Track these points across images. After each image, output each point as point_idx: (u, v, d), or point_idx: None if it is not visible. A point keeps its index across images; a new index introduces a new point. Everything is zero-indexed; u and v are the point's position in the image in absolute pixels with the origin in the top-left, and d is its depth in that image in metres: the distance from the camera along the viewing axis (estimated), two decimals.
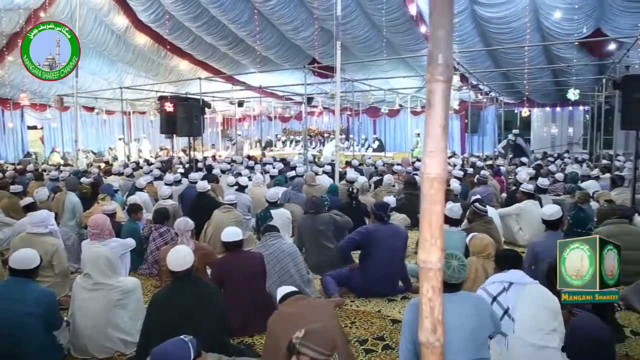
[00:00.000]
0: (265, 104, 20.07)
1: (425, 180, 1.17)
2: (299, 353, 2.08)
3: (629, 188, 7.19)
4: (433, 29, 1.16)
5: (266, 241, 4.26)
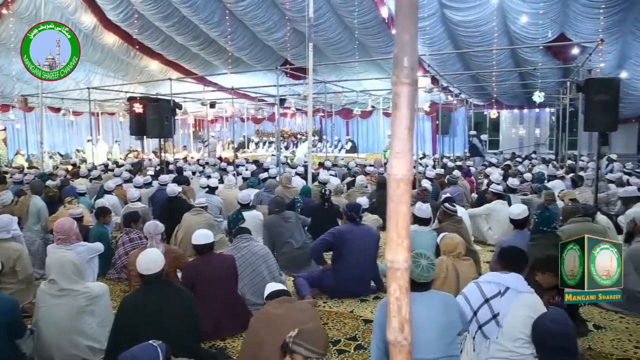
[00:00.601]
0: (238, 105, 19.92)
1: (392, 181, 1.19)
2: (292, 352, 2.09)
3: (590, 187, 7.44)
4: (398, 33, 1.18)
5: (238, 243, 4.23)
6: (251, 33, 13.79)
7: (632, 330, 3.82)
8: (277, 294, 2.81)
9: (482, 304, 2.68)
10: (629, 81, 12.90)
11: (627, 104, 14.38)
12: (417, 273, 2.51)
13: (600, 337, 3.71)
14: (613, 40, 11.04)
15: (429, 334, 2.42)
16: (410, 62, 1.16)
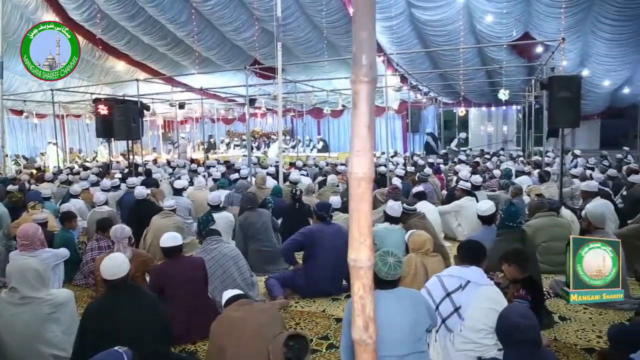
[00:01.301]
0: (208, 106, 19.70)
1: (353, 180, 1.19)
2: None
3: (556, 182, 7.65)
4: (356, 31, 1.17)
5: (207, 245, 4.18)
6: (219, 33, 13.65)
7: (595, 321, 3.94)
8: (235, 299, 2.79)
9: (444, 298, 2.73)
10: (590, 79, 13.33)
11: (589, 101, 14.87)
12: (384, 271, 2.52)
13: (565, 328, 3.81)
14: (574, 39, 11.39)
15: (397, 331, 2.43)
16: (369, 60, 1.16)
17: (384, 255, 2.57)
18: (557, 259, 5.10)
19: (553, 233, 5.18)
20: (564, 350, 3.45)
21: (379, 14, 11.77)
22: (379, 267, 2.52)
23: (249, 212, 5.40)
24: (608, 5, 10.22)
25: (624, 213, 6.38)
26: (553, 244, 5.16)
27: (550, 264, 5.07)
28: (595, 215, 4.39)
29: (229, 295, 2.89)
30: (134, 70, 16.17)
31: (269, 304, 3.60)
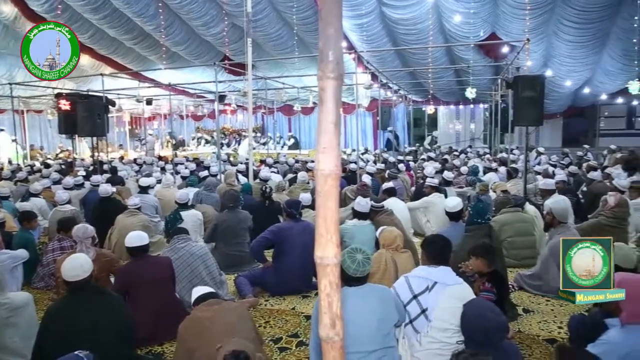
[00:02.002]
0: (176, 102, 19.36)
1: (319, 177, 1.17)
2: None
3: (521, 179, 7.84)
4: (322, 27, 1.15)
5: (175, 244, 4.10)
6: (188, 27, 13.40)
7: (557, 312, 4.06)
8: (204, 298, 2.75)
9: (411, 300, 2.70)
10: (554, 79, 13.73)
11: (553, 101, 15.32)
12: (353, 268, 2.52)
13: (528, 320, 3.92)
14: (539, 40, 11.69)
15: (366, 327, 2.44)
16: (335, 56, 1.15)
17: (352, 252, 2.57)
18: (522, 253, 5.26)
19: (518, 228, 5.32)
20: (527, 341, 3.55)
21: (350, 12, 11.80)
22: (347, 264, 2.52)
23: (228, 213, 5.32)
24: (570, 8, 10.54)
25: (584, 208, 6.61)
26: (518, 238, 5.30)
27: (515, 258, 5.21)
28: (559, 211, 4.52)
29: (199, 293, 2.83)
30: (99, 64, 15.70)
31: (238, 303, 3.56)
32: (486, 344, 2.25)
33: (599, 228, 5.20)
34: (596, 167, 9.29)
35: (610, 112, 18.21)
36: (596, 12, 10.44)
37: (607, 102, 16.58)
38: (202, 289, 2.91)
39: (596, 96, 15.53)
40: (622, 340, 2.16)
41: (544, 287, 4.44)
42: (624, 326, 2.21)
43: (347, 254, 2.57)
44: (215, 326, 2.58)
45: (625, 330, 2.20)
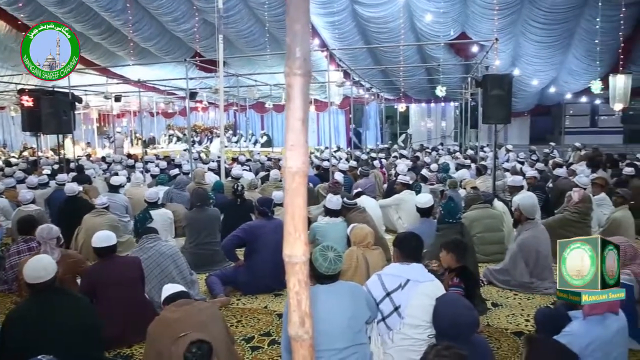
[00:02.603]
0: (146, 99, 18.98)
1: (287, 174, 1.16)
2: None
3: (490, 176, 8.00)
4: (290, 23, 1.15)
5: (144, 244, 4.02)
6: (158, 23, 13.13)
7: (524, 306, 4.17)
8: (175, 297, 2.70)
9: (384, 298, 2.72)
10: (521, 78, 14.05)
11: (520, 99, 15.69)
12: (325, 266, 2.52)
13: (497, 314, 4.01)
14: (507, 40, 11.95)
15: (337, 325, 2.45)
16: (303, 52, 1.14)
17: (324, 250, 2.57)
18: (490, 249, 5.37)
19: (487, 224, 5.43)
20: (496, 334, 3.63)
21: (322, 9, 11.80)
22: (319, 262, 2.52)
23: (197, 211, 5.25)
24: (536, 10, 10.81)
25: (551, 204, 6.80)
26: (487, 234, 5.40)
27: (484, 253, 5.31)
28: (526, 207, 4.63)
29: (169, 291, 2.78)
30: None
31: (209, 303, 3.52)
32: (457, 338, 2.28)
33: (564, 223, 5.37)
34: (562, 164, 9.57)
35: (575, 110, 18.77)
36: (561, 14, 10.74)
37: (571, 101, 17.08)
38: (173, 287, 2.85)
39: (561, 95, 15.99)
40: (583, 332, 2.23)
41: (512, 281, 4.55)
42: (585, 318, 2.28)
43: (318, 251, 2.57)
44: (185, 327, 2.54)
45: (587, 322, 2.27)
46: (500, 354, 3.31)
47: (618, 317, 2.32)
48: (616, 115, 14.39)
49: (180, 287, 2.86)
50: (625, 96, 9.29)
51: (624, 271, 3.32)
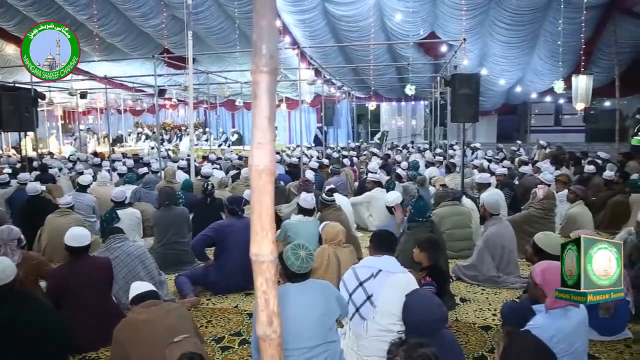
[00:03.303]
0: (114, 96, 18.53)
1: (254, 172, 1.16)
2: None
3: (459, 173, 8.15)
4: (256, 19, 1.14)
5: (110, 244, 3.93)
6: (125, 18, 12.83)
7: (491, 300, 4.26)
8: (143, 297, 2.64)
9: (357, 287, 2.77)
10: (489, 77, 14.36)
11: (488, 98, 16.03)
12: (297, 265, 2.53)
13: (465, 309, 4.08)
14: (475, 40, 12.18)
15: (308, 323, 2.45)
16: (269, 49, 1.13)
17: (295, 248, 2.58)
18: (459, 245, 5.48)
19: (455, 221, 5.52)
20: (464, 329, 3.70)
21: (293, 7, 11.76)
22: (291, 260, 2.53)
23: (165, 210, 5.16)
24: (503, 11, 11.05)
25: (517, 201, 6.97)
26: (455, 231, 5.50)
27: (453, 249, 5.40)
28: (491, 203, 4.73)
29: (138, 290, 2.70)
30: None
31: (178, 304, 3.46)
32: (426, 333, 2.32)
33: (529, 219, 5.52)
34: (527, 162, 9.83)
35: (540, 109, 19.32)
36: (526, 15, 11.01)
37: (537, 100, 17.57)
38: (142, 285, 2.78)
39: (527, 94, 16.41)
40: (547, 325, 2.30)
41: (479, 276, 4.64)
42: (548, 311, 2.35)
43: (290, 250, 2.57)
44: (154, 329, 2.49)
45: (550, 315, 2.34)
46: (468, 348, 3.38)
47: (579, 309, 2.40)
48: (579, 114, 14.84)
49: (149, 286, 2.79)
50: (587, 96, 9.60)
51: None
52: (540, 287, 2.40)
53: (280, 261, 2.65)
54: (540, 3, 10.56)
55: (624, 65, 12.11)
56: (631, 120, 15.22)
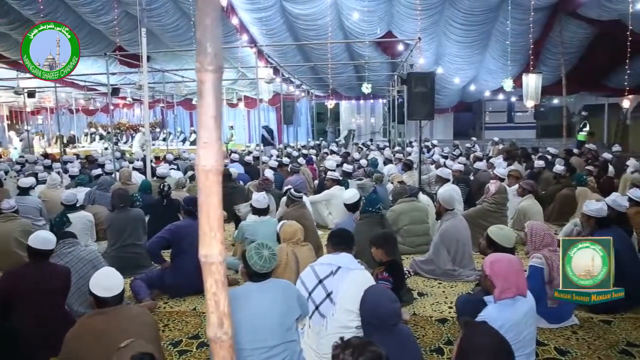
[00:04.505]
0: (64, 95, 17.83)
1: (201, 172, 1.14)
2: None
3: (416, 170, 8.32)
4: (200, 17, 1.12)
5: (60, 250, 3.78)
6: (75, 14, 12.33)
7: (447, 294, 4.37)
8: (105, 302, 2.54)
9: (316, 285, 2.80)
10: (444, 76, 14.72)
11: (444, 96, 16.44)
12: (260, 264, 2.53)
13: (422, 303, 4.17)
14: (430, 40, 12.45)
15: (269, 322, 2.45)
16: (214, 47, 1.12)
17: (258, 248, 2.57)
18: (417, 240, 5.59)
19: (413, 217, 5.63)
20: (422, 322, 3.78)
21: (250, 5, 11.66)
22: (254, 260, 2.53)
23: (119, 213, 5.01)
24: (456, 11, 11.35)
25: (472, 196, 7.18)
26: (413, 227, 5.61)
27: (410, 245, 5.52)
28: (445, 198, 4.85)
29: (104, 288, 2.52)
30: None
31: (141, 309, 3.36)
32: (381, 328, 2.36)
33: (483, 213, 5.69)
34: (481, 158, 10.14)
35: (494, 107, 19.98)
36: (479, 16, 11.35)
37: (490, 98, 18.15)
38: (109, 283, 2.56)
39: (481, 93, 16.93)
40: (496, 315, 2.38)
41: (437, 270, 4.75)
42: (497, 302, 2.43)
43: (254, 249, 2.57)
44: (109, 334, 2.39)
45: (499, 306, 2.43)
46: (425, 341, 3.46)
47: (526, 299, 2.49)
48: (529, 111, 15.44)
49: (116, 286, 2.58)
50: (536, 94, 10.00)
51: (535, 255, 3.60)
52: (489, 279, 2.48)
53: (243, 260, 2.64)
54: (491, 4, 10.90)
55: (570, 64, 12.69)
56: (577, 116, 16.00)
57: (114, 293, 2.53)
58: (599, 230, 4.01)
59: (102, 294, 2.50)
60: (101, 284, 2.53)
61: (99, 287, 2.52)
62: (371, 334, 2.32)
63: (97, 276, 2.62)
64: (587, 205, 4.19)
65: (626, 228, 4.32)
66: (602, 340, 3.35)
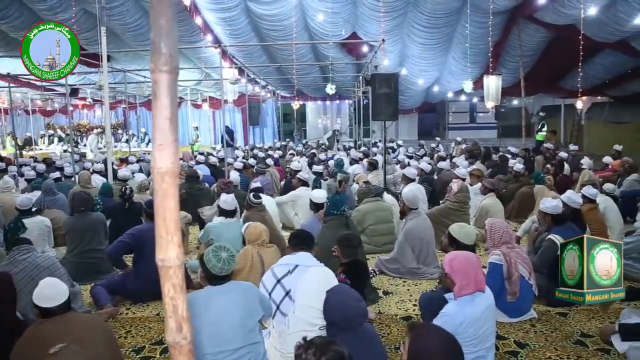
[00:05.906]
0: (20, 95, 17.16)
1: (156, 174, 1.13)
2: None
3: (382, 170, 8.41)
4: (155, 17, 1.11)
5: (14, 256, 3.63)
6: (30, 11, 11.88)
7: (412, 292, 4.44)
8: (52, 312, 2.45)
9: (275, 285, 2.80)
10: (408, 77, 14.95)
11: (409, 97, 16.70)
12: (218, 267, 2.50)
13: (388, 302, 4.22)
14: (394, 41, 12.61)
15: (231, 325, 2.43)
16: (169, 48, 1.11)
17: (217, 250, 2.55)
18: (382, 240, 5.65)
19: (378, 216, 5.69)
20: (387, 321, 3.82)
21: (214, 5, 11.51)
22: (212, 262, 2.50)
23: (79, 215, 4.85)
24: (419, 14, 11.55)
25: (436, 195, 7.32)
26: (378, 226, 5.67)
27: (376, 244, 5.58)
28: (409, 198, 4.93)
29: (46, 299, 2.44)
30: None
31: (94, 315, 3.28)
32: (347, 327, 2.37)
33: (446, 212, 5.81)
34: (445, 158, 10.36)
35: (457, 108, 20.45)
36: (441, 19, 11.59)
37: (453, 99, 18.57)
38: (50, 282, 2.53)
39: (444, 94, 17.28)
40: (456, 312, 2.44)
41: (401, 269, 4.82)
42: (457, 299, 2.49)
43: (211, 252, 2.54)
44: (57, 342, 2.30)
45: (459, 302, 2.48)
46: (390, 339, 3.50)
47: (485, 294, 2.56)
48: (490, 112, 15.85)
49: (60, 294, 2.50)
50: (497, 95, 10.28)
51: (494, 252, 3.69)
52: (449, 276, 2.53)
53: (201, 264, 2.60)
54: (453, 7, 11.14)
55: (528, 67, 13.11)
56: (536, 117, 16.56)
57: (58, 302, 2.46)
58: (555, 226, 4.16)
59: (45, 304, 2.45)
60: (43, 295, 2.47)
61: (42, 298, 2.47)
62: (335, 334, 2.33)
63: (39, 288, 2.54)
64: (543, 202, 4.33)
65: (580, 224, 4.51)
66: (558, 332, 3.48)
